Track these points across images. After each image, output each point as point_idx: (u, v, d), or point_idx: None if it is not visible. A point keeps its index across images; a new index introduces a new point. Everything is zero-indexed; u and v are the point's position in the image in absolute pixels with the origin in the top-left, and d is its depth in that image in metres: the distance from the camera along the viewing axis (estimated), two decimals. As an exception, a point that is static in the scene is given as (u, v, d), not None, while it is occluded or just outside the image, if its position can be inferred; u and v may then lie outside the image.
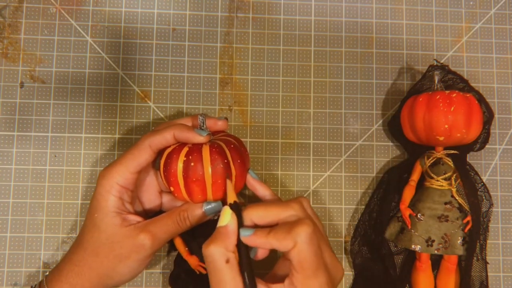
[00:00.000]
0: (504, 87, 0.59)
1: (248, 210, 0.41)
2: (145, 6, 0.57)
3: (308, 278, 0.38)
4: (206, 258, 0.39)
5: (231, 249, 0.39)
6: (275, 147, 0.56)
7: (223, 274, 0.38)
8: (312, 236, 0.38)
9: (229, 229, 0.40)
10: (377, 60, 0.58)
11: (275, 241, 0.38)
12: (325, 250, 0.41)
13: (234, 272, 0.39)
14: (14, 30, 0.56)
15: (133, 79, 0.56)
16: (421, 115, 0.50)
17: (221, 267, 0.38)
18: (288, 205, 0.41)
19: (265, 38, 0.58)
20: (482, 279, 0.52)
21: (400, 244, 0.52)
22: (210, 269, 0.39)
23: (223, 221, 0.40)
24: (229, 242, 0.39)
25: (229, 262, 0.39)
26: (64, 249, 0.54)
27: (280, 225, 0.40)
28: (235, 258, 0.39)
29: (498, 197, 0.57)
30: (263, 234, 0.39)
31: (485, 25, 0.59)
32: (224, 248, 0.39)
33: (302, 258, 0.38)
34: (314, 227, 0.39)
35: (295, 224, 0.39)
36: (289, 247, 0.38)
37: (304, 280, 0.38)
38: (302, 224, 0.38)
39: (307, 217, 0.40)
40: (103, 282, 0.44)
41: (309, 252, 0.38)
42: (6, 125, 0.55)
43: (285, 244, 0.38)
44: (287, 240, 0.38)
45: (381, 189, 0.55)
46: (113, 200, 0.44)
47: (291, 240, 0.38)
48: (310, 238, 0.38)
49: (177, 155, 0.43)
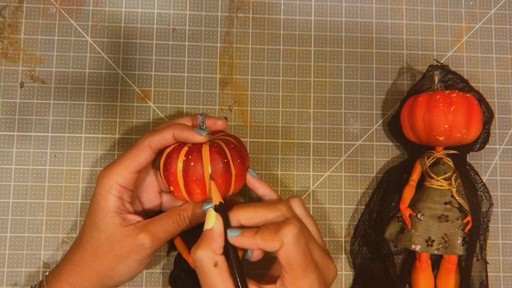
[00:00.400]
0: (504, 87, 0.59)
1: (234, 211, 0.41)
2: (145, 6, 0.57)
3: (297, 278, 0.38)
4: (195, 262, 0.39)
5: (219, 252, 0.39)
6: (275, 147, 0.57)
7: (213, 277, 0.38)
8: (299, 236, 0.38)
9: (215, 232, 0.39)
10: (377, 60, 0.58)
11: (261, 241, 0.38)
12: (315, 250, 0.40)
13: (224, 275, 0.38)
14: (14, 30, 0.56)
15: (133, 79, 0.56)
16: (421, 115, 0.50)
17: (210, 271, 0.38)
18: (275, 206, 0.41)
19: (265, 38, 0.58)
20: (482, 279, 0.52)
21: (400, 244, 0.52)
22: (200, 273, 0.39)
23: (208, 224, 0.40)
24: (215, 245, 0.39)
25: (217, 265, 0.38)
26: (64, 249, 0.54)
27: (267, 225, 0.39)
28: (224, 261, 0.39)
29: (498, 197, 0.57)
30: (250, 235, 0.39)
31: (485, 25, 0.59)
32: (211, 251, 0.39)
33: (290, 258, 0.38)
34: (300, 227, 0.39)
35: (281, 224, 0.38)
36: (276, 247, 0.38)
37: (294, 280, 0.38)
38: (288, 224, 0.38)
39: (293, 217, 0.40)
40: (103, 282, 0.44)
41: (297, 252, 0.38)
42: (6, 125, 0.55)
43: (272, 245, 0.38)
44: (273, 241, 0.38)
45: (381, 189, 0.55)
46: (113, 200, 0.44)
47: (278, 241, 0.37)
48: (296, 238, 0.38)
49: (177, 154, 0.43)
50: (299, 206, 0.43)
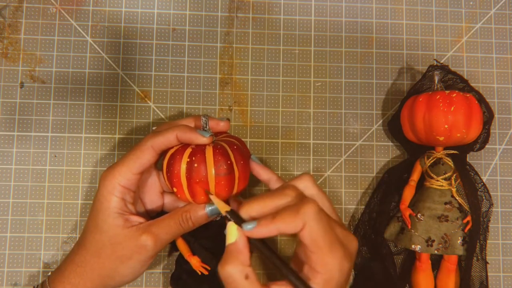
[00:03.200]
0: (504, 87, 0.59)
1: (245, 207, 0.40)
2: (145, 6, 0.57)
3: (325, 255, 0.37)
4: (225, 279, 0.38)
5: (247, 263, 0.38)
6: (275, 147, 0.57)
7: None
8: (320, 213, 0.38)
9: (239, 244, 0.39)
10: (377, 60, 0.58)
11: (283, 224, 0.37)
12: (335, 226, 0.39)
13: (256, 285, 0.38)
14: (14, 30, 0.56)
15: (133, 79, 0.56)
16: (421, 115, 0.50)
17: (243, 285, 0.37)
18: (283, 192, 0.40)
19: (265, 38, 0.58)
20: (482, 279, 0.52)
21: (400, 244, 0.52)
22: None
23: (231, 238, 0.39)
24: (243, 257, 0.38)
25: (248, 277, 0.38)
26: (64, 249, 0.54)
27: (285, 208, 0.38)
28: (253, 271, 0.38)
29: (498, 197, 0.57)
30: (267, 222, 0.38)
31: (485, 25, 0.60)
32: (240, 265, 0.38)
33: (315, 236, 0.37)
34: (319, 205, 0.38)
35: (300, 204, 0.38)
36: (298, 227, 0.37)
37: (322, 259, 0.37)
38: (307, 203, 0.38)
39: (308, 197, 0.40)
40: (105, 283, 0.44)
41: (320, 230, 0.37)
42: (6, 125, 0.54)
43: (294, 225, 0.37)
44: (295, 222, 0.37)
45: (381, 189, 0.56)
46: (116, 201, 0.44)
47: (300, 221, 0.37)
48: (318, 215, 0.37)
49: (180, 156, 0.43)
50: (309, 183, 0.42)
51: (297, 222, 0.37)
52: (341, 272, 0.38)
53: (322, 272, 0.37)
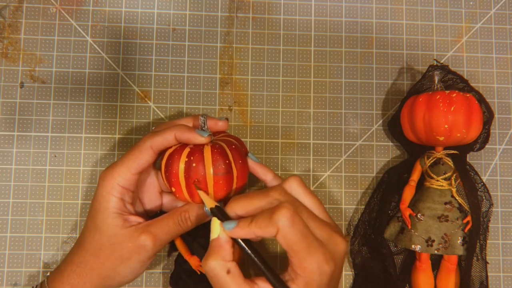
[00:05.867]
0: (504, 87, 0.59)
1: (230, 204, 0.41)
2: (145, 6, 0.57)
3: (302, 259, 0.37)
4: (208, 273, 0.39)
5: (229, 258, 0.39)
6: (275, 147, 0.57)
7: (228, 285, 0.38)
8: (293, 217, 0.37)
9: (221, 240, 0.39)
10: (377, 60, 0.58)
11: (258, 229, 0.38)
12: (316, 227, 0.39)
13: (239, 280, 0.38)
14: (14, 30, 0.56)
15: (133, 79, 0.56)
16: (421, 115, 0.50)
17: (224, 278, 0.38)
18: (267, 193, 0.40)
19: (265, 38, 0.58)
20: (482, 279, 0.52)
21: (400, 244, 0.52)
22: (214, 283, 0.39)
23: (214, 234, 0.40)
24: (225, 252, 0.39)
25: (230, 272, 0.38)
26: (64, 249, 0.54)
27: (261, 212, 0.39)
28: (235, 267, 0.39)
29: (498, 197, 0.57)
30: (245, 224, 0.39)
31: (485, 25, 0.60)
32: (221, 259, 0.38)
33: (289, 241, 0.37)
34: (294, 209, 0.38)
35: (274, 209, 0.38)
36: (272, 233, 0.37)
37: (300, 262, 0.37)
38: (280, 208, 0.37)
39: (287, 201, 0.39)
40: (104, 283, 0.44)
41: (295, 234, 0.37)
42: (6, 125, 0.54)
43: (268, 231, 0.37)
44: (269, 227, 0.37)
45: (381, 189, 0.55)
46: (114, 201, 0.44)
47: (273, 226, 0.37)
48: (291, 220, 0.37)
49: (178, 155, 0.43)
50: (296, 185, 0.42)
51: (270, 228, 0.37)
52: (321, 275, 0.37)
53: (302, 275, 0.38)
